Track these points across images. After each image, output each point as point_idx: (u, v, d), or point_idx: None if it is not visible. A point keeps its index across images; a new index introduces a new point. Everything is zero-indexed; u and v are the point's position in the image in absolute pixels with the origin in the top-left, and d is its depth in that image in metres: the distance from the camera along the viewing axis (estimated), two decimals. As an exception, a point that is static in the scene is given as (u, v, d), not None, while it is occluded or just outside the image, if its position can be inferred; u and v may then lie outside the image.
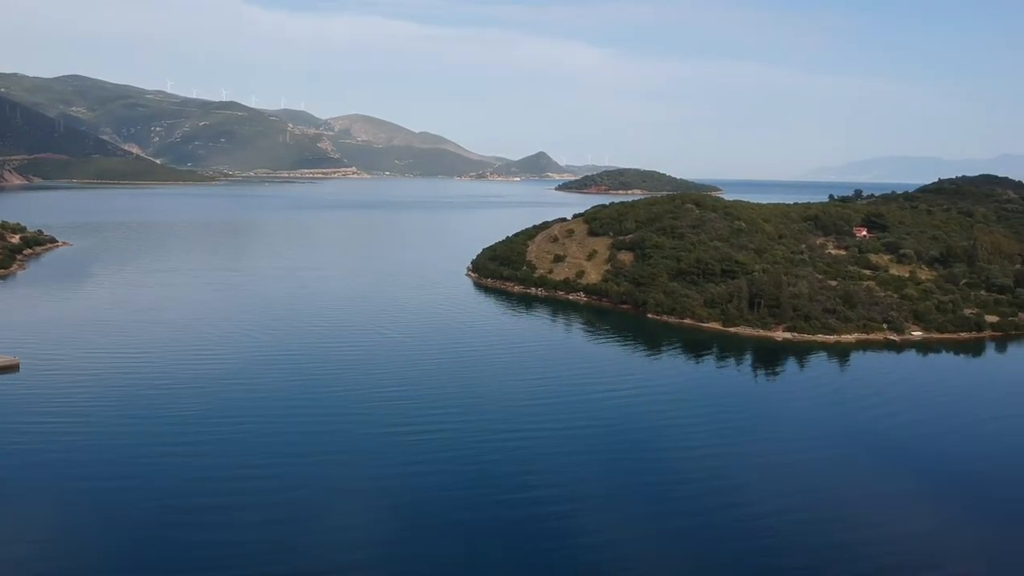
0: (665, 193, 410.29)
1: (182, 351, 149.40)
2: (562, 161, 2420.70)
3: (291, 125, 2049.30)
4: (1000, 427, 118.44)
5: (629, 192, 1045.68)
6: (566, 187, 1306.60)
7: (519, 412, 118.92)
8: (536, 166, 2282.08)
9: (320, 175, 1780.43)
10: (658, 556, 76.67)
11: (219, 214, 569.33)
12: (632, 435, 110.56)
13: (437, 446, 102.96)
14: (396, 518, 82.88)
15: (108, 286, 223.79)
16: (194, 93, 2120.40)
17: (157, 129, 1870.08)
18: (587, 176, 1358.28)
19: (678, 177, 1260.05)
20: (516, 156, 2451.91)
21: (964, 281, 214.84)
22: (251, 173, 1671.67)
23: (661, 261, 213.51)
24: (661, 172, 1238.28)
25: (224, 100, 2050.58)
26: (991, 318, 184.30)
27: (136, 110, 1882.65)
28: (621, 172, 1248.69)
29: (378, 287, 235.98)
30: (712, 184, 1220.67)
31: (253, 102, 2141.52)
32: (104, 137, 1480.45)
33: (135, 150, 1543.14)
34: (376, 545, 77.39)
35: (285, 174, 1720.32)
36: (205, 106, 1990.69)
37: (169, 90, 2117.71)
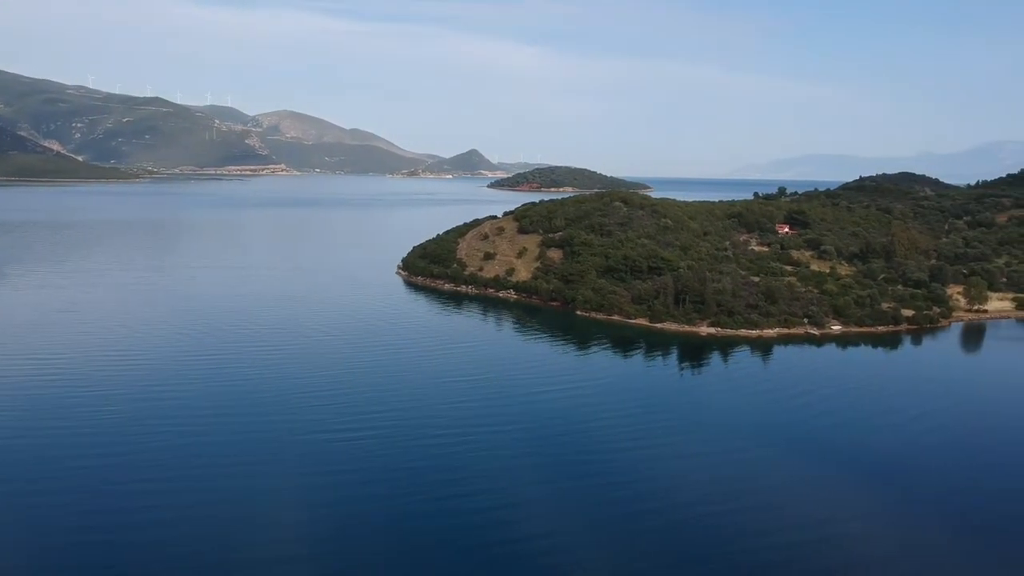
0: (595, 191, 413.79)
1: (100, 355, 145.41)
2: (494, 159, 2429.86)
3: (218, 121, 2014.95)
4: (930, 423, 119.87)
5: (560, 190, 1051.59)
6: (498, 185, 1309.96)
7: (453, 413, 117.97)
8: (468, 164, 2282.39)
9: (248, 172, 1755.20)
10: (596, 558, 76.69)
11: (143, 212, 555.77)
12: (566, 435, 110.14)
13: (369, 450, 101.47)
14: (328, 526, 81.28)
15: (23, 288, 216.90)
16: (117, 88, 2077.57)
17: (79, 125, 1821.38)
18: (519, 174, 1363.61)
19: (608, 175, 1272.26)
20: (448, 154, 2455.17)
21: (882, 276, 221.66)
22: (177, 170, 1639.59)
23: (589, 258, 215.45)
24: (592, 170, 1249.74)
25: (148, 96, 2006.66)
26: (907, 312, 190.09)
27: (56, 105, 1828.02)
28: (552, 170, 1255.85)
29: (307, 287, 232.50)
30: (642, 182, 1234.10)
31: (179, 98, 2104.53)
32: (22, 133, 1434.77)
33: (56, 147, 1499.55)
34: (307, 556, 75.55)
35: (212, 171, 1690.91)
36: (129, 102, 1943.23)
37: (91, 85, 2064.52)
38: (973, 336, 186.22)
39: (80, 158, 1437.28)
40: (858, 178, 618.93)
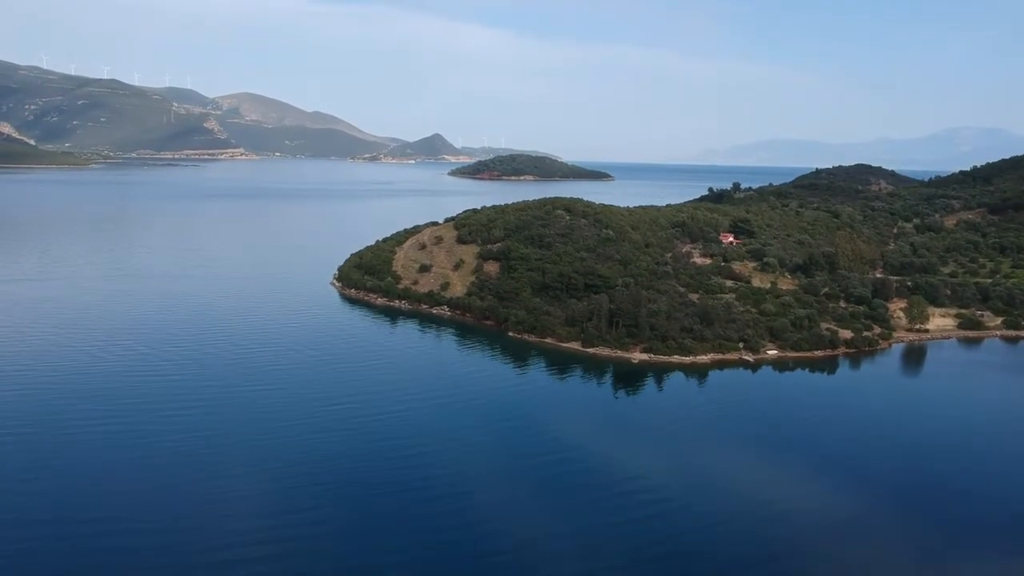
0: (539, 198, 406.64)
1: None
2: (458, 143, 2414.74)
3: (176, 104, 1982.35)
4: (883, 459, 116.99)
5: (521, 178, 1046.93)
6: (459, 171, 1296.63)
7: (372, 452, 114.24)
8: (432, 148, 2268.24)
9: (206, 156, 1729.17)
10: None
11: (82, 206, 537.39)
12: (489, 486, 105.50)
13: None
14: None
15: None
16: (72, 70, 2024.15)
17: (31, 107, 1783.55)
18: (480, 161, 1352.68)
19: (569, 162, 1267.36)
20: (412, 137, 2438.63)
21: (824, 291, 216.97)
22: (133, 154, 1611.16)
23: (525, 274, 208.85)
24: (554, 157, 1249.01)
25: (105, 77, 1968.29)
26: (845, 334, 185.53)
27: (8, 86, 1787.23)
28: (514, 157, 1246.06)
29: (235, 303, 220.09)
30: (603, 169, 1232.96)
31: (136, 80, 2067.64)
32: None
33: (6, 129, 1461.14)
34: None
35: (169, 155, 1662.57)
36: (84, 83, 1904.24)
37: (44, 66, 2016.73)
38: (912, 361, 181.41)
39: (32, 141, 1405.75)
40: (814, 170, 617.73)
